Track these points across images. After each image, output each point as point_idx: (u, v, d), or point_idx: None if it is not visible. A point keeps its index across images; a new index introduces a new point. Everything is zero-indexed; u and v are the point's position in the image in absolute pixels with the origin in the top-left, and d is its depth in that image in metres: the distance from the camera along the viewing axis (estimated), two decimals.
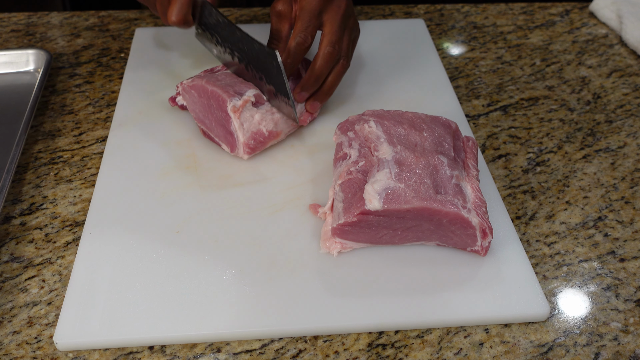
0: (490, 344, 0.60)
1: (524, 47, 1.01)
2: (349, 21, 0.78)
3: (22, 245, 0.68)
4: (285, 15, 0.76)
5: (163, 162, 0.76)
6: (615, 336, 0.61)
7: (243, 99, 0.73)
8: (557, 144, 0.83)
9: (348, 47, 0.78)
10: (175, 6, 0.72)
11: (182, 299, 0.61)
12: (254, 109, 0.74)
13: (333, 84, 0.78)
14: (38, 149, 0.80)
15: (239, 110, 0.72)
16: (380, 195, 0.61)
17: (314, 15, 0.74)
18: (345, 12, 0.76)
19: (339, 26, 0.76)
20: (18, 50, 0.91)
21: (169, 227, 0.69)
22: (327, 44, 0.75)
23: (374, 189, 0.61)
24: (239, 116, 0.73)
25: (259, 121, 0.74)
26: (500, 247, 0.67)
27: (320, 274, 0.64)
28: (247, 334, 0.60)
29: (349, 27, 0.78)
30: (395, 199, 0.61)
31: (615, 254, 0.69)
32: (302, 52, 0.75)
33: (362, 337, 0.60)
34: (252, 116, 0.74)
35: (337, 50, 0.75)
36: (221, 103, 0.73)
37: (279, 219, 0.70)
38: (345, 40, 0.77)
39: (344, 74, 0.81)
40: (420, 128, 0.69)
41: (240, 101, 0.72)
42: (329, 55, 0.75)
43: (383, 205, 0.60)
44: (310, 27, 0.75)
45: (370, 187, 0.61)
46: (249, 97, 0.73)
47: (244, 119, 0.73)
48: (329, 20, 0.76)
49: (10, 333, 0.60)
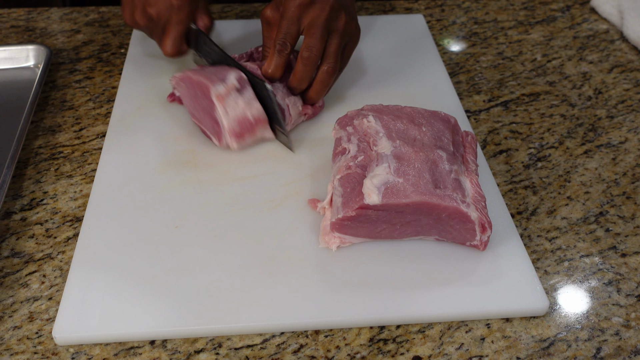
0: (492, 338, 0.60)
1: (525, 43, 1.01)
2: (335, 24, 0.75)
3: (23, 240, 0.68)
4: (273, 21, 0.77)
5: (162, 158, 0.76)
6: (617, 331, 0.61)
7: (227, 86, 0.73)
8: (558, 139, 0.82)
9: (336, 52, 0.76)
10: (169, 39, 0.79)
11: (181, 294, 0.61)
12: (239, 96, 0.73)
13: (318, 90, 0.78)
14: (38, 145, 0.80)
15: (223, 97, 0.72)
16: (379, 189, 0.61)
17: (293, 21, 0.74)
18: (330, 16, 0.74)
19: (319, 29, 0.74)
20: (18, 45, 0.91)
21: (167, 222, 0.68)
22: (304, 47, 0.74)
23: (372, 184, 0.61)
24: (223, 103, 0.72)
25: (244, 107, 0.73)
26: (500, 241, 0.67)
27: (319, 268, 0.64)
28: (247, 328, 0.60)
29: (337, 30, 0.76)
30: (394, 193, 0.60)
31: (617, 249, 0.68)
32: (283, 58, 0.75)
33: (363, 332, 0.60)
34: (237, 103, 0.73)
35: (315, 55, 0.74)
36: (205, 91, 0.73)
37: (278, 214, 0.70)
38: (331, 45, 0.76)
39: (333, 78, 0.78)
40: (419, 123, 0.69)
41: (224, 88, 0.72)
42: (307, 59, 0.74)
43: (382, 200, 0.60)
44: (288, 34, 0.74)
45: (369, 182, 0.61)
46: (233, 83, 0.73)
47: (228, 106, 0.73)
48: (309, 25, 0.74)
49: (11, 328, 0.60)
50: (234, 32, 0.98)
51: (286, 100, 0.76)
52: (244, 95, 0.74)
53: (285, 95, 0.77)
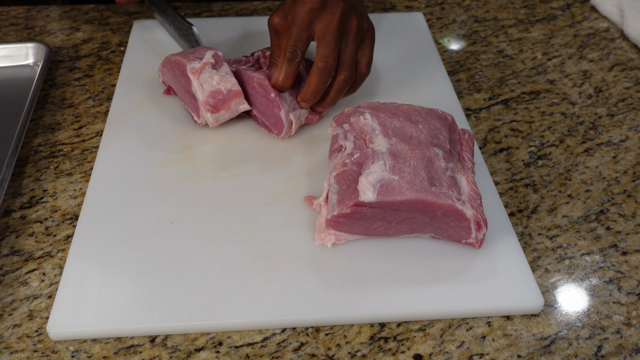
0: (493, 336, 0.60)
1: (525, 41, 1.01)
2: (348, 27, 0.73)
3: (23, 238, 0.68)
4: (281, 29, 0.75)
5: (159, 154, 0.76)
6: (618, 329, 0.61)
7: (202, 62, 0.75)
8: (559, 137, 0.82)
9: (352, 59, 0.74)
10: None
11: (176, 290, 0.61)
12: (214, 71, 0.75)
13: (334, 98, 0.76)
14: (38, 143, 0.80)
15: (198, 71, 0.74)
16: (374, 187, 0.60)
17: (304, 27, 0.72)
18: (342, 19, 0.72)
19: (333, 37, 0.72)
20: (17, 43, 0.91)
21: (164, 218, 0.68)
22: (320, 58, 0.72)
23: (368, 181, 0.61)
24: (198, 77, 0.74)
25: (218, 81, 0.75)
26: (495, 239, 0.66)
27: (315, 265, 0.64)
28: (243, 324, 0.59)
29: (350, 34, 0.73)
30: (390, 190, 0.60)
31: (618, 247, 0.68)
32: (294, 67, 0.73)
33: (363, 330, 0.60)
34: (212, 77, 0.75)
35: (331, 65, 0.72)
36: (182, 68, 0.76)
37: (274, 211, 0.70)
38: (346, 51, 0.73)
39: (349, 85, 0.76)
40: (416, 120, 0.68)
41: (199, 63, 0.75)
42: (322, 70, 0.72)
43: (377, 197, 0.60)
44: (299, 41, 0.72)
45: (365, 179, 0.61)
46: (208, 60, 0.75)
47: (203, 80, 0.74)
48: (322, 32, 0.72)
49: (11, 326, 0.60)
50: (234, 30, 0.97)
51: (290, 116, 0.75)
52: (219, 70, 0.75)
53: (291, 109, 0.75)
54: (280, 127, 0.75)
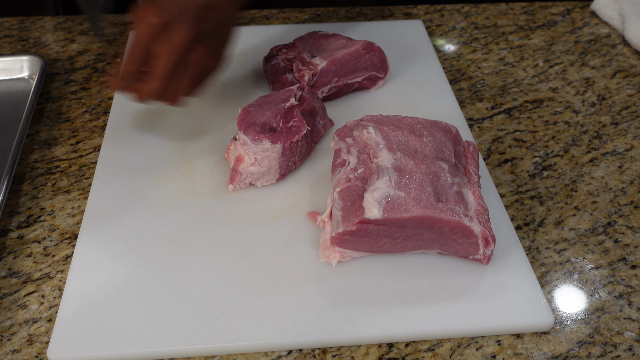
0: (503, 356, 0.59)
1: (526, 48, 1.00)
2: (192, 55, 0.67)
3: (20, 259, 0.66)
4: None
5: (158, 170, 0.75)
6: (630, 346, 0.60)
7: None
8: (563, 147, 0.81)
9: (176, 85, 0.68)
10: None
11: (179, 312, 0.60)
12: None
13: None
14: (34, 159, 0.78)
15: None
16: (380, 203, 0.59)
17: (141, 49, 0.67)
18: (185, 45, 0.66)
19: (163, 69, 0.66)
20: (12, 56, 0.89)
21: (164, 237, 0.67)
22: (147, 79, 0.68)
23: (373, 198, 0.60)
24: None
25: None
26: (503, 254, 0.65)
27: (320, 284, 0.63)
28: (248, 347, 0.58)
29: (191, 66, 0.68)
30: (396, 207, 0.59)
31: (627, 261, 0.67)
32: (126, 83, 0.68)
33: (371, 350, 0.59)
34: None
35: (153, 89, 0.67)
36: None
37: (277, 227, 0.68)
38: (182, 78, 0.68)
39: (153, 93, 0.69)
40: (420, 133, 0.67)
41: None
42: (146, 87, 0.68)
43: (383, 214, 0.59)
44: (135, 62, 0.67)
45: (370, 196, 0.60)
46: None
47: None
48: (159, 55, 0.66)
49: (10, 352, 0.58)
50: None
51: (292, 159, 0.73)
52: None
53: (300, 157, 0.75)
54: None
